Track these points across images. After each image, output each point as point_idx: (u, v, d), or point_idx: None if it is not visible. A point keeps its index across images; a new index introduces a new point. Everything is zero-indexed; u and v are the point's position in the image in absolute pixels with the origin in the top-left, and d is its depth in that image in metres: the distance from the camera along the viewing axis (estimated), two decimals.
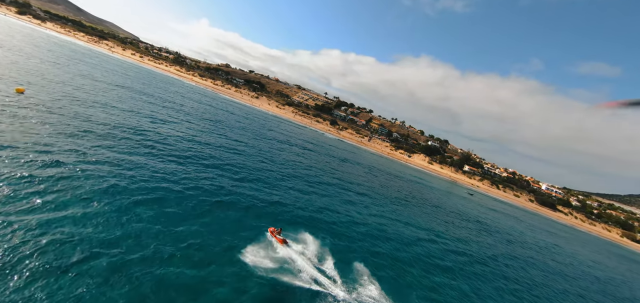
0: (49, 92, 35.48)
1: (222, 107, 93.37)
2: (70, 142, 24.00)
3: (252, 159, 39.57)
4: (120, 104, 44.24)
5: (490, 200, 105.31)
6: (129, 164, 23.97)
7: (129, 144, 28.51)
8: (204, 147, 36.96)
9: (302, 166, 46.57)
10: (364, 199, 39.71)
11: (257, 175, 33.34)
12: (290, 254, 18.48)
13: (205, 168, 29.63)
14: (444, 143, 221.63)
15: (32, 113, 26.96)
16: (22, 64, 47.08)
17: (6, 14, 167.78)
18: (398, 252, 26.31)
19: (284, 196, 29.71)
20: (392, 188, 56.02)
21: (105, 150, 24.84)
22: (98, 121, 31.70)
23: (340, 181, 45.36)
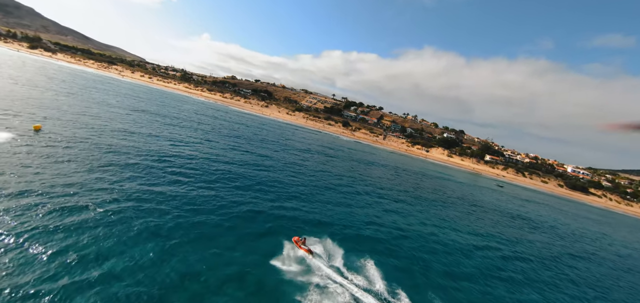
0: (66, 126, 33.91)
1: (236, 119, 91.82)
2: (95, 179, 21.94)
3: (281, 174, 37.10)
4: (139, 128, 42.60)
5: (521, 190, 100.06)
6: (159, 197, 21.72)
7: (155, 173, 26.39)
8: (230, 166, 34.68)
9: (331, 175, 43.83)
10: (402, 206, 36.62)
11: (292, 192, 30.76)
12: (329, 273, 16.93)
13: (237, 190, 27.23)
14: (460, 134, 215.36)
15: (52, 151, 25.13)
16: (38, 97, 46.18)
17: (19, 50, 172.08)
18: (456, 266, 23.29)
19: (325, 212, 27.02)
20: (424, 188, 52.65)
21: (131, 184, 22.69)
22: (119, 150, 29.80)
23: (373, 188, 42.38)
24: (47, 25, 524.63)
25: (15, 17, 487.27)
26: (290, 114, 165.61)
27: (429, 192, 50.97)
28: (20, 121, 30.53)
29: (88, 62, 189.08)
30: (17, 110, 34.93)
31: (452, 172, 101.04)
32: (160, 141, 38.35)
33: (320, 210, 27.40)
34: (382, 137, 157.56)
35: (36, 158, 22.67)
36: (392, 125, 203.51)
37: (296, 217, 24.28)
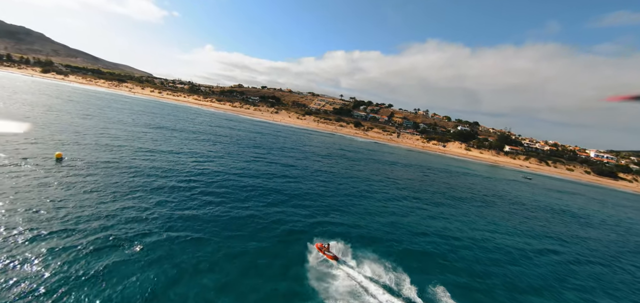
0: (87, 150, 32.44)
1: (251, 128, 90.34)
2: (124, 208, 20.11)
3: (311, 183, 34.88)
4: (158, 146, 41.11)
5: (548, 180, 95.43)
6: (194, 223, 19.73)
7: (183, 195, 24.49)
8: (259, 180, 32.63)
9: (360, 180, 41.38)
10: (444, 210, 33.87)
11: (329, 203, 28.46)
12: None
13: (273, 207, 25.09)
14: (474, 125, 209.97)
15: (76, 179, 23.50)
16: (55, 121, 45.29)
17: (33, 75, 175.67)
18: (520, 277, 20.65)
19: (368, 224, 24.66)
20: (456, 187, 49.59)
21: (162, 210, 20.79)
22: (143, 172, 28.09)
23: (407, 192, 39.72)
24: (57, 48, 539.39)
25: (27, 43, 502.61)
26: (300, 119, 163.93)
27: (463, 191, 47.93)
28: (40, 149, 29.17)
29: (99, 82, 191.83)
30: (36, 136, 33.76)
31: (475, 166, 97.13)
32: (183, 158, 36.67)
33: (364, 223, 25.03)
34: (396, 135, 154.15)
35: (61, 190, 20.98)
36: (404, 122, 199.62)
37: (343, 233, 21.92)
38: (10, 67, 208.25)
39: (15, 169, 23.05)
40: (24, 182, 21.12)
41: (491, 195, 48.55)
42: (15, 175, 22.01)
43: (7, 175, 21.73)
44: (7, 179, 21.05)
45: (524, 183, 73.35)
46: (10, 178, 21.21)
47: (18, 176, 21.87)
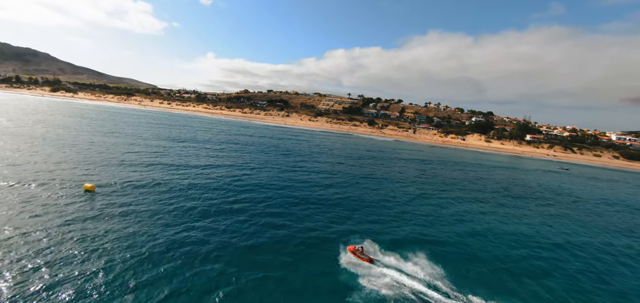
0: (114, 175, 29.57)
1: (269, 134, 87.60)
2: (176, 241, 17.21)
3: (356, 190, 31.72)
4: (186, 160, 38.41)
5: (582, 168, 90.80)
6: (254, 254, 16.74)
7: (237, 217, 21.53)
8: (302, 191, 29.52)
9: (401, 183, 38.07)
10: (510, 211, 30.42)
11: (386, 212, 25.24)
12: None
13: (333, 224, 21.95)
14: (489, 115, 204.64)
15: (112, 210, 20.70)
16: (73, 143, 42.90)
17: (43, 95, 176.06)
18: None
19: (429, 230, 21.45)
20: (501, 183, 45.95)
21: (218, 238, 17.85)
22: (180, 193, 25.21)
23: (461, 192, 36.32)
24: (63, 67, 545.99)
25: (34, 64, 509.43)
26: (312, 120, 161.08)
27: (514, 188, 44.25)
28: (65, 178, 26.34)
29: (108, 97, 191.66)
30: (56, 161, 31.04)
31: (501, 159, 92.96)
32: (218, 172, 33.82)
33: (423, 228, 21.80)
34: (411, 131, 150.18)
35: (103, 233, 17.93)
36: (416, 116, 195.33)
37: (414, 239, 18.71)
38: (20, 89, 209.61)
39: (48, 204, 20.37)
40: (58, 221, 18.37)
41: (543, 191, 44.84)
42: (50, 211, 19.30)
43: (39, 211, 19.02)
44: (40, 216, 18.32)
45: (564, 174, 69.20)
46: (44, 215, 18.49)
47: (52, 213, 19.16)
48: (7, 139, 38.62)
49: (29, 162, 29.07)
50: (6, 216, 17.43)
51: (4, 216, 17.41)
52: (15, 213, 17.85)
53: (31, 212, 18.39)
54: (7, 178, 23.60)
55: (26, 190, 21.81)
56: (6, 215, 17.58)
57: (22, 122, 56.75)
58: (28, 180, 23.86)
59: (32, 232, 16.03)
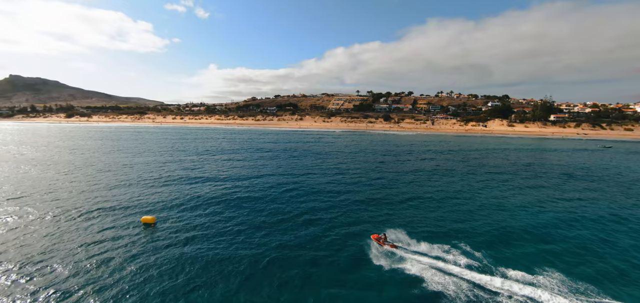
0: (164, 199, 28.14)
1: (291, 139, 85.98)
2: (254, 259, 15.41)
3: (416, 188, 29.45)
4: (228, 172, 36.81)
5: (621, 144, 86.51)
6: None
7: (303, 231, 19.62)
8: (358, 194, 27.46)
9: (449, 179, 35.67)
10: (586, 196, 27.77)
11: (459, 214, 22.95)
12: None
13: (424, 226, 19.87)
14: (505, 98, 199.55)
15: (179, 251, 19.08)
16: (108, 168, 41.84)
17: (60, 122, 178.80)
18: None
19: (506, 223, 19.12)
20: (550, 166, 43.06)
21: (303, 255, 15.96)
22: (237, 206, 23.46)
23: (515, 179, 33.75)
24: (73, 93, 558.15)
25: (45, 93, 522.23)
26: (326, 121, 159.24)
27: (576, 174, 41.29)
28: (120, 204, 24.96)
29: (121, 118, 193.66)
30: (101, 194, 29.74)
31: (532, 142, 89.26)
32: (260, 181, 32.06)
33: (498, 224, 19.48)
34: (430, 122, 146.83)
35: (175, 272, 16.12)
36: (430, 107, 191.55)
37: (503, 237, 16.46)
38: (36, 118, 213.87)
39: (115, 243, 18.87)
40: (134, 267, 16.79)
41: (601, 172, 41.82)
42: (117, 253, 17.76)
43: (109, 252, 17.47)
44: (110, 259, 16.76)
45: (602, 152, 65.68)
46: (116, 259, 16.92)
47: (119, 253, 17.61)
48: (47, 168, 37.75)
49: (71, 190, 27.84)
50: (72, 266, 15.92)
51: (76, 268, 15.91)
52: (71, 253, 16.34)
53: (97, 248, 16.87)
54: (54, 213, 22.27)
55: (81, 224, 20.38)
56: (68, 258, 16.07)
57: (55, 149, 56.33)
58: (78, 212, 22.49)
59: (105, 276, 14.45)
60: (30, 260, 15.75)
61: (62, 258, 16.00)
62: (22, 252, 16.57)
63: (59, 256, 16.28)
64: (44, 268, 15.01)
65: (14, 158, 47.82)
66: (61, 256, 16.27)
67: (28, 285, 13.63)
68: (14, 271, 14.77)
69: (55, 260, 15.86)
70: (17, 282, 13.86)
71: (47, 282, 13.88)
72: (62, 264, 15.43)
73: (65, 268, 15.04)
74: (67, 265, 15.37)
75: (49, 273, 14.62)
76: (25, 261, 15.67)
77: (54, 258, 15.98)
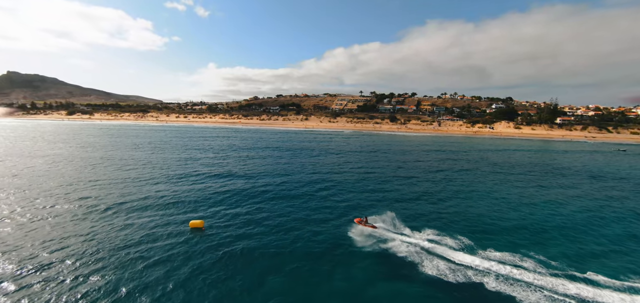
0: (200, 196, 27.55)
1: (306, 138, 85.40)
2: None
3: (447, 189, 29.05)
4: (253, 169, 36.20)
5: (634, 147, 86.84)
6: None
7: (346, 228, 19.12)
8: (409, 201, 27.03)
9: (484, 179, 35.33)
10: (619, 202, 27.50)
11: (510, 221, 22.56)
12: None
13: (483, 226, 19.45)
14: (509, 101, 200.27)
15: (229, 243, 18.49)
16: (128, 165, 41.07)
17: (63, 119, 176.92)
18: None
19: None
20: (574, 167, 42.91)
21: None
22: (295, 216, 22.91)
23: (534, 180, 33.49)
24: (71, 90, 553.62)
25: (43, 90, 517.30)
26: (332, 122, 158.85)
27: (588, 171, 41.15)
28: (167, 213, 24.15)
29: (124, 116, 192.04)
30: (147, 189, 29.00)
31: (541, 144, 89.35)
32: (292, 178, 31.47)
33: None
34: (436, 124, 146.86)
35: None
36: (434, 108, 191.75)
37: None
38: (36, 115, 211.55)
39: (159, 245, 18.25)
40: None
41: (629, 174, 41.73)
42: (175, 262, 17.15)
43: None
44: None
45: (628, 156, 65.91)
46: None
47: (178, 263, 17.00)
48: (64, 165, 36.91)
49: (111, 189, 27.12)
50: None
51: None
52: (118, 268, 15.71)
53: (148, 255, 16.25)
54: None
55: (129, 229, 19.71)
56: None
57: (70, 145, 55.33)
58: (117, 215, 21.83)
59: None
60: (88, 258, 15.12)
61: (121, 262, 15.39)
62: (80, 250, 15.92)
63: (118, 259, 15.65)
64: (104, 266, 14.39)
65: (52, 158, 46.79)
66: (119, 260, 15.65)
67: (81, 284, 13.01)
68: (70, 270, 14.13)
69: (117, 260, 15.23)
70: (67, 281, 13.23)
71: (105, 283, 13.26)
72: (120, 268, 14.82)
73: (124, 272, 14.43)
74: (125, 269, 14.76)
75: (108, 274, 14.00)
76: (83, 259, 15.04)
77: (116, 259, 15.35)
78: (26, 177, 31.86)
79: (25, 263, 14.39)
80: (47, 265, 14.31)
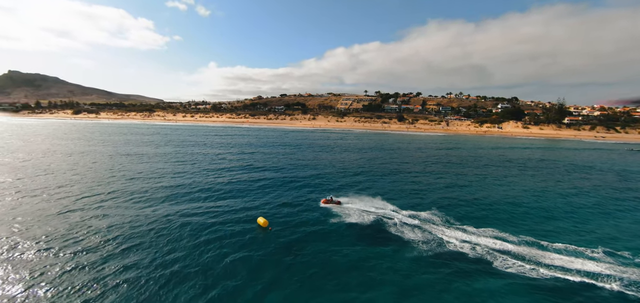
0: (263, 201, 28.05)
1: (323, 137, 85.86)
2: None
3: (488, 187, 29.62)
4: (293, 163, 36.66)
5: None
6: None
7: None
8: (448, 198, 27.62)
9: (521, 183, 35.95)
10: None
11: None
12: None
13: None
14: (515, 101, 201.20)
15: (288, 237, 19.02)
16: (182, 161, 41.49)
17: (71, 118, 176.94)
18: None
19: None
20: (599, 167, 43.64)
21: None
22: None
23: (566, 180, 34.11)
24: (72, 89, 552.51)
25: (44, 89, 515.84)
26: (340, 121, 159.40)
27: (618, 172, 41.83)
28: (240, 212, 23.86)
29: (131, 115, 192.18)
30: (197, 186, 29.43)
31: (551, 143, 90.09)
32: (332, 171, 32.00)
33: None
34: (444, 123, 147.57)
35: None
36: (441, 108, 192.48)
37: None
38: (42, 114, 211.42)
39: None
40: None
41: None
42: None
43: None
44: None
45: (628, 154, 66.84)
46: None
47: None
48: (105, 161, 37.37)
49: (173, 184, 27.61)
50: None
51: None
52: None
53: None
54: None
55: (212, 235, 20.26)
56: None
57: (99, 143, 55.74)
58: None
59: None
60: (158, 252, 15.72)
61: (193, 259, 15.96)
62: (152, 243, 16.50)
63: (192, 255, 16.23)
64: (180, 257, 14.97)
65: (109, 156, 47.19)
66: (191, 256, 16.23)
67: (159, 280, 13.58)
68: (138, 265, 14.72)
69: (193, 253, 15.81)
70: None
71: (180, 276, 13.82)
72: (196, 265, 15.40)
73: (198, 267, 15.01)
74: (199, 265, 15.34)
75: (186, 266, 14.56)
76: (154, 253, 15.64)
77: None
78: (115, 171, 32.48)
79: (121, 248, 14.99)
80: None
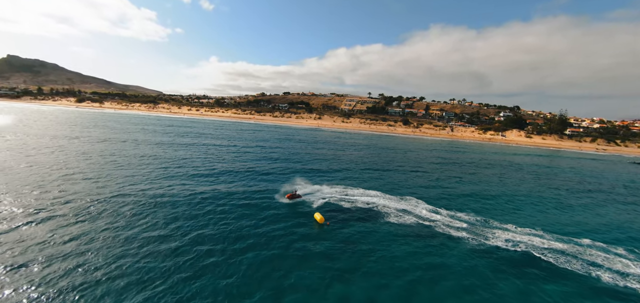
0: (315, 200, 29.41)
1: (335, 136, 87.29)
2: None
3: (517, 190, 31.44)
4: (335, 156, 38.07)
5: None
6: None
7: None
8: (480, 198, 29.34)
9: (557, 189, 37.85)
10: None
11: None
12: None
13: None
14: (517, 109, 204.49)
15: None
16: (229, 157, 42.61)
17: (77, 107, 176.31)
18: None
19: None
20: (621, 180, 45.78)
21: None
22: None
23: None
24: (71, 77, 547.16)
25: (43, 75, 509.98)
26: (345, 122, 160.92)
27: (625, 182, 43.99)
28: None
29: (135, 106, 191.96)
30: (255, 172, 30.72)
31: (555, 153, 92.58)
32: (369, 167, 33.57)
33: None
34: (449, 129, 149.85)
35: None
36: (444, 113, 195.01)
37: None
38: (45, 100, 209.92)
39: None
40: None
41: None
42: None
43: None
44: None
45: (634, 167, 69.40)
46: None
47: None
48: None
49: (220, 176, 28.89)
50: None
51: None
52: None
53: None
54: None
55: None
56: None
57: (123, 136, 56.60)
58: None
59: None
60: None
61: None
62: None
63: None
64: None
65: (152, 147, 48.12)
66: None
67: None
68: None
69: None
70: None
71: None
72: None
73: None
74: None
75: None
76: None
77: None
78: (169, 160, 33.57)
79: (174, 226, 16.34)
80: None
